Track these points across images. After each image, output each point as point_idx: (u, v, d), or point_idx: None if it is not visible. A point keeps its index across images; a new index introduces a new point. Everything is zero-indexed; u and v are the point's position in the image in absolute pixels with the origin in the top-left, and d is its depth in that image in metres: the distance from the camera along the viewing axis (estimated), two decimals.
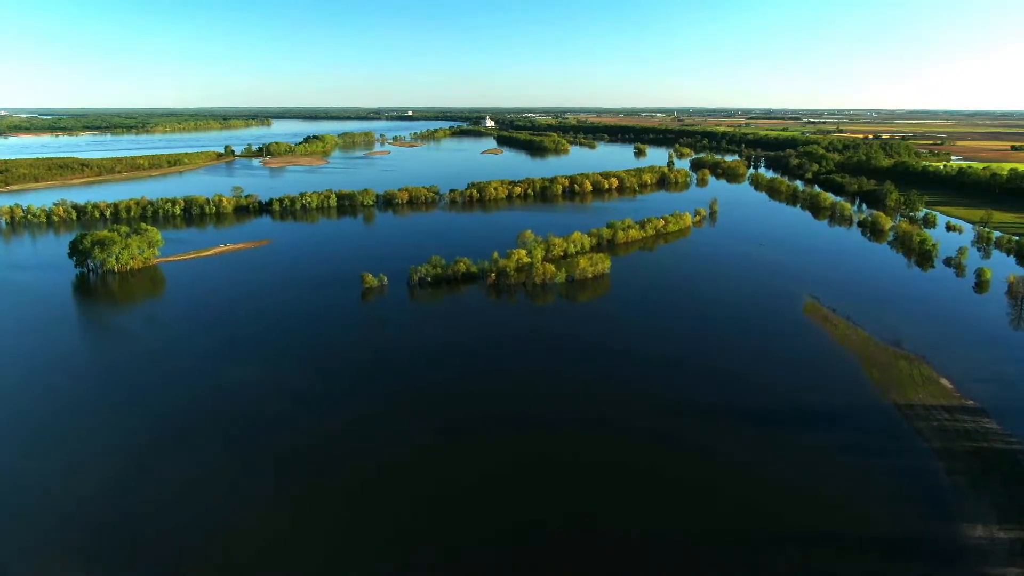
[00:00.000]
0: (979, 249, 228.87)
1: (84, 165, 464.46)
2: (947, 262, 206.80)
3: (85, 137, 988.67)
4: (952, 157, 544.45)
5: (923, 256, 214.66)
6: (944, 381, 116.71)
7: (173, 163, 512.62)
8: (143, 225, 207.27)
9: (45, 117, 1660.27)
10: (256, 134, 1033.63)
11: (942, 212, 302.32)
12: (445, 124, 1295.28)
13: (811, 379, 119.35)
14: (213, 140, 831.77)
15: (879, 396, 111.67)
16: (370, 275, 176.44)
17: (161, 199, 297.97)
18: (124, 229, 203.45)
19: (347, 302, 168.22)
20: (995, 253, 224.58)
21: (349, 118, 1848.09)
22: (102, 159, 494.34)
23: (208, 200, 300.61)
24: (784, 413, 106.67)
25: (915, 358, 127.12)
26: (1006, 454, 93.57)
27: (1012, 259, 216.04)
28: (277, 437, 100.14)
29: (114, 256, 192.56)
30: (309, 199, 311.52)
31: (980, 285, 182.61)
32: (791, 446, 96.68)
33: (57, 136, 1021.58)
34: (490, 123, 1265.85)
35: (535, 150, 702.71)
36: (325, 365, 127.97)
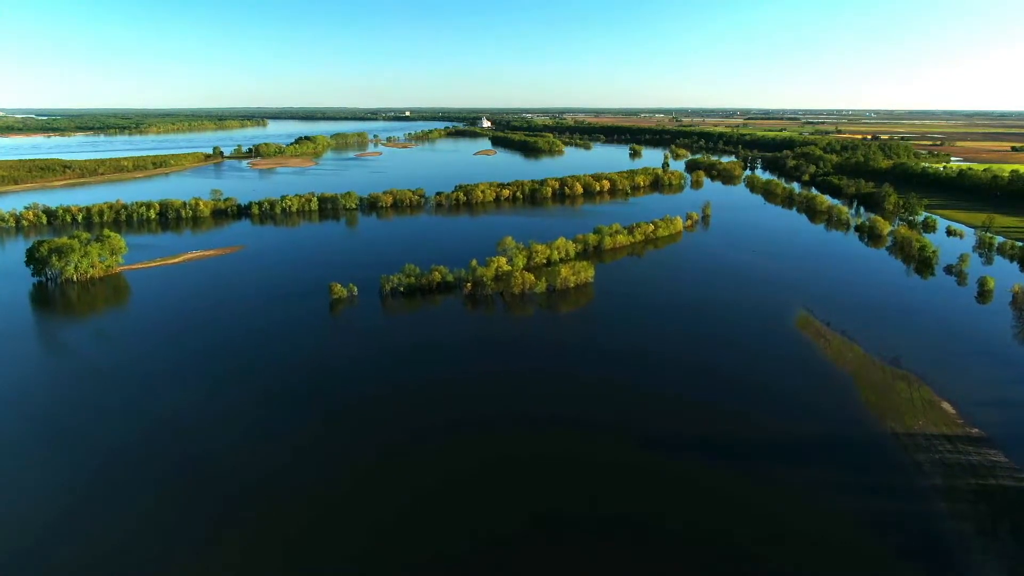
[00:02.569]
0: (981, 255, 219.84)
1: (66, 167, 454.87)
2: (948, 270, 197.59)
3: (77, 138, 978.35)
4: (952, 158, 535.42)
5: (923, 263, 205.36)
6: (946, 405, 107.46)
7: (159, 164, 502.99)
8: (106, 231, 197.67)
9: (41, 118, 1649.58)
10: (251, 135, 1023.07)
11: (942, 216, 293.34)
12: (441, 125, 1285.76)
13: (801, 403, 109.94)
14: (206, 141, 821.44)
15: (875, 423, 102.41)
16: (339, 285, 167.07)
17: (136, 203, 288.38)
18: (85, 236, 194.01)
19: (314, 314, 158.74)
20: (997, 259, 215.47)
21: (346, 119, 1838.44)
22: (85, 160, 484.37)
23: (185, 204, 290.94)
24: (769, 443, 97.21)
25: (914, 378, 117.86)
26: (1015, 494, 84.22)
27: (1015, 266, 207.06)
28: (220, 472, 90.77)
29: (72, 264, 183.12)
30: (289, 202, 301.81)
31: (983, 295, 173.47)
32: (775, 481, 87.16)
33: (49, 137, 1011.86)
34: (486, 124, 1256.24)
35: (529, 151, 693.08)
36: (279, 386, 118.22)
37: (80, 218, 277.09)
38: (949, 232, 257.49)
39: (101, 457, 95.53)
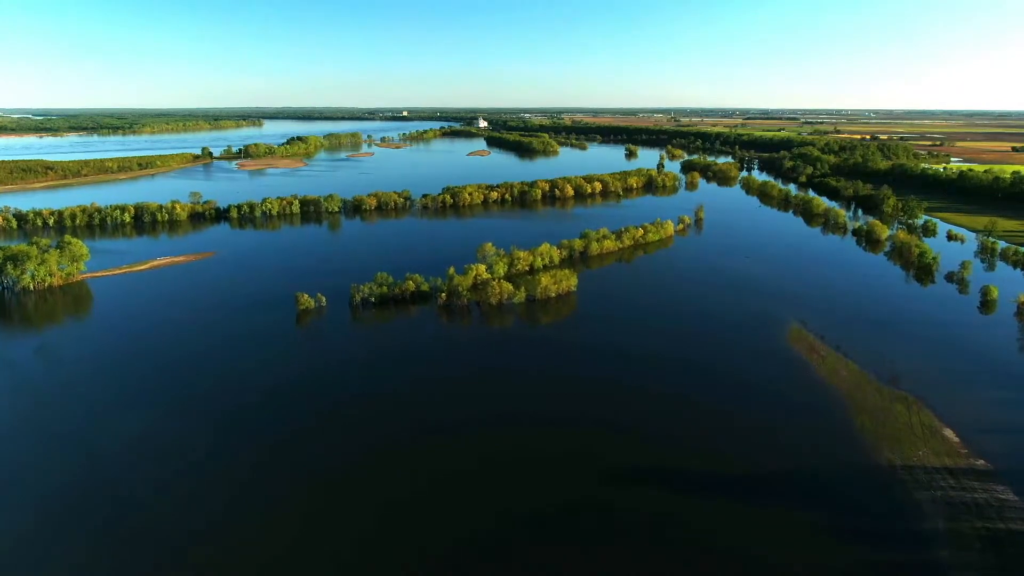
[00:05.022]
0: (983, 261, 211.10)
1: (48, 168, 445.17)
2: (948, 277, 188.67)
3: (70, 138, 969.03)
4: (951, 159, 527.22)
5: (922, 270, 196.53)
6: (948, 432, 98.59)
7: (144, 166, 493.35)
8: (67, 238, 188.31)
9: (37, 118, 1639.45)
10: (245, 135, 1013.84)
11: (942, 219, 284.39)
12: (437, 125, 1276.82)
13: (790, 429, 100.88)
14: (200, 141, 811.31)
15: (871, 453, 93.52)
16: (306, 295, 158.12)
17: (111, 206, 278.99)
18: (45, 242, 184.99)
19: (278, 327, 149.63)
20: (1000, 266, 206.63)
21: (343, 118, 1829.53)
22: (68, 162, 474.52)
23: (161, 207, 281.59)
24: (752, 474, 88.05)
25: (913, 400, 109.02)
26: None
27: (1019, 273, 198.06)
28: (171, 507, 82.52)
29: (29, 273, 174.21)
30: (269, 205, 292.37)
31: (986, 305, 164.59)
32: (754, 521, 78.28)
33: (42, 137, 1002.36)
34: (483, 123, 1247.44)
35: (524, 151, 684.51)
36: (235, 408, 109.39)
37: (52, 222, 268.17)
38: (950, 236, 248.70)
39: (38, 496, 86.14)
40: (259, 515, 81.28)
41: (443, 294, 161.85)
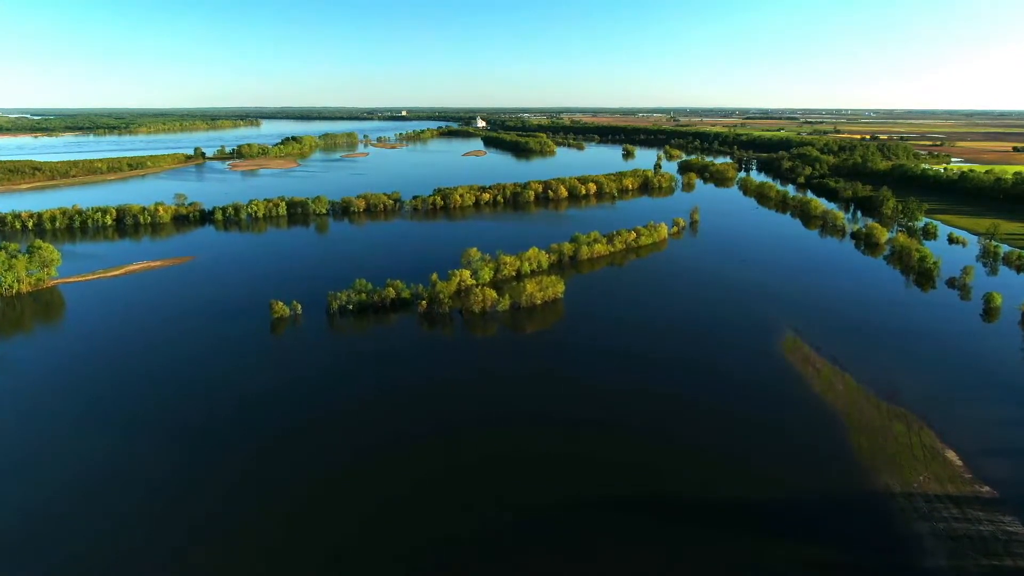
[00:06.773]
0: (985, 265, 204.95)
1: (36, 169, 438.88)
2: (950, 283, 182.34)
3: (65, 138, 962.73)
4: (952, 159, 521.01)
5: (923, 275, 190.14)
6: (951, 455, 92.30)
7: (135, 166, 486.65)
8: (37, 242, 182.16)
9: (35, 117, 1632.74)
10: (242, 135, 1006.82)
11: (943, 221, 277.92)
12: (435, 124, 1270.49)
13: (780, 449, 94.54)
14: (196, 141, 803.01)
15: (868, 477, 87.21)
16: (280, 303, 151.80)
17: (92, 208, 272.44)
18: (13, 247, 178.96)
19: (251, 337, 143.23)
20: (1003, 270, 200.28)
21: (342, 118, 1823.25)
22: (57, 162, 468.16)
23: (144, 209, 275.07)
24: (735, 501, 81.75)
25: (913, 419, 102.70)
26: None
27: (1023, 278, 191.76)
28: (126, 540, 76.51)
29: None
30: (255, 207, 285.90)
31: (989, 312, 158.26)
32: (741, 551, 72.06)
33: (37, 137, 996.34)
34: (481, 123, 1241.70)
35: (520, 151, 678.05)
36: (201, 425, 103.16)
37: (31, 225, 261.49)
38: (951, 239, 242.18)
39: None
40: (237, 528, 77.54)
41: (423, 302, 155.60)
